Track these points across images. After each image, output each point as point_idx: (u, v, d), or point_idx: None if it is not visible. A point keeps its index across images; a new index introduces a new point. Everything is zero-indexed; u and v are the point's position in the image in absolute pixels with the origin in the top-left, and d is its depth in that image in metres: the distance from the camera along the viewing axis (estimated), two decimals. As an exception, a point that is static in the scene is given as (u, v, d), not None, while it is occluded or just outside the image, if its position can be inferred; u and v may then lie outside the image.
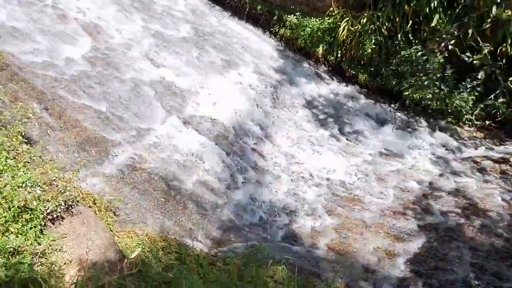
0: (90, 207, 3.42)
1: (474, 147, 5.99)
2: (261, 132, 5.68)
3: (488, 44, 5.84)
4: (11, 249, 2.49)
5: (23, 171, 2.89)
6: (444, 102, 6.32)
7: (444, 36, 6.08)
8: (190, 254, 3.45)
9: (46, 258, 2.60)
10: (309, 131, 6.00)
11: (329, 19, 7.24)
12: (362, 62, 7.24)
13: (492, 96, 5.89)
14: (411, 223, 4.54)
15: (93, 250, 2.89)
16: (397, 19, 6.53)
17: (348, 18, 6.89)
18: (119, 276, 2.71)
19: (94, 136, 4.30)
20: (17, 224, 2.62)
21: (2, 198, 2.64)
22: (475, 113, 6.18)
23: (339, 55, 7.36)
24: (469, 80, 6.08)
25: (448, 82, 6.25)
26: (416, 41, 6.57)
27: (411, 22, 6.52)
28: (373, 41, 6.73)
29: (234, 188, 4.63)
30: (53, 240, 2.75)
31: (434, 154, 5.87)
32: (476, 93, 6.12)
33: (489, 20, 5.69)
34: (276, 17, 7.92)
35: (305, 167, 5.25)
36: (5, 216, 2.60)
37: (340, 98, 7.09)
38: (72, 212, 3.06)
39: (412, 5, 6.33)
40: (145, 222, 3.73)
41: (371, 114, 6.67)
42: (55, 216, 2.89)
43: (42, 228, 2.75)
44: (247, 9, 8.05)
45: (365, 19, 6.72)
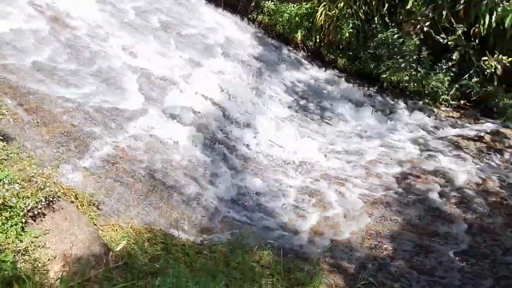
0: (72, 202, 3.38)
1: (451, 127, 6.16)
2: (243, 120, 5.68)
3: (462, 25, 5.95)
4: (-8, 248, 2.46)
5: (0, 169, 2.83)
6: (421, 84, 6.45)
7: (420, 18, 6.16)
8: (176, 244, 3.47)
9: (29, 255, 2.57)
10: (290, 117, 6.04)
11: (307, 4, 7.23)
12: (341, 47, 7.29)
13: (466, 76, 6.04)
14: (392, 203, 4.67)
15: (77, 245, 2.88)
16: (374, 3, 6.58)
17: (326, 3, 6.90)
18: (105, 269, 2.72)
19: (73, 130, 4.22)
20: (-3, 223, 2.58)
21: (-20, 197, 2.59)
22: (451, 93, 6.33)
23: (318, 40, 7.39)
24: (444, 61, 6.21)
25: (424, 64, 6.37)
26: (393, 24, 6.65)
27: (387, 5, 6.58)
28: (351, 25, 6.77)
29: (218, 176, 4.65)
30: (36, 237, 2.71)
31: (413, 135, 6.00)
32: (451, 74, 6.26)
33: (462, 2, 5.78)
34: (254, 4, 7.87)
35: (287, 152, 5.30)
36: (-16, 215, 2.55)
37: (320, 83, 7.14)
38: (54, 208, 3.02)
39: (388, -12, 6.38)
40: (130, 215, 3.71)
41: (351, 98, 6.75)
42: (36, 213, 2.84)
43: (23, 225, 2.71)
44: (224, -4, 7.97)
45: (342, 3, 6.74)
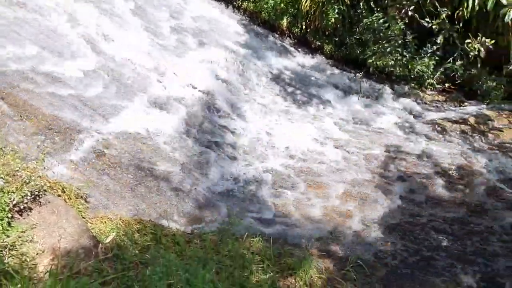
0: (59, 196, 3.34)
1: (436, 110, 6.24)
2: (230, 108, 5.66)
3: (446, 9, 5.95)
4: (-22, 244, 2.43)
5: (-17, 164, 2.78)
6: (407, 68, 6.49)
7: (404, 3, 6.12)
8: (166, 234, 3.47)
9: (17, 250, 2.55)
10: (278, 104, 6.04)
11: (292, -10, 7.18)
12: (327, 33, 7.27)
13: (451, 60, 6.08)
14: (379, 187, 4.73)
15: (66, 238, 2.86)
16: (358, -13, 6.56)
17: (310, -12, 6.86)
18: (95, 261, 2.71)
19: (57, 124, 4.15)
20: (-18, 218, 2.55)
21: (-37, 193, 2.55)
22: (436, 77, 6.39)
23: (304, 27, 7.35)
24: (429, 45, 6.25)
25: (410, 48, 6.41)
26: (378, 9, 6.64)
27: (372, -10, 6.57)
28: (336, 11, 6.75)
29: (206, 165, 4.64)
30: (23, 232, 2.69)
31: (399, 119, 6.06)
32: (436, 58, 6.31)
33: (446, -15, 5.79)
34: (239, -9, 7.78)
35: (275, 140, 5.31)
36: (-32, 211, 2.52)
37: (307, 70, 7.13)
38: (40, 202, 2.99)
39: (373, -28, 6.36)
40: (118, 207, 3.69)
41: (338, 84, 6.77)
42: (22, 207, 2.81)
43: (10, 220, 2.68)
44: (208, -17, 7.84)
45: (327, -12, 6.70)
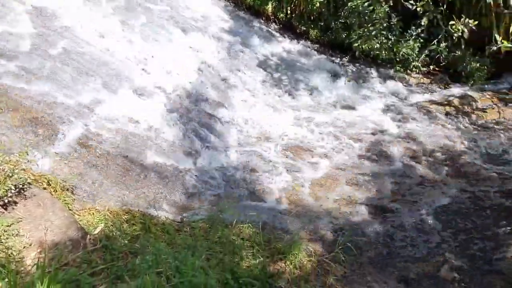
0: (45, 189, 3.31)
1: (422, 92, 6.29)
2: (217, 96, 5.62)
3: (430, -10, 5.97)
4: (-38, 240, 2.40)
5: (-37, 158, 2.72)
6: (392, 51, 6.50)
7: (389, -15, 6.14)
8: (156, 223, 3.47)
9: (3, 244, 2.53)
10: (265, 91, 6.02)
11: (276, -26, 7.09)
12: (312, 18, 7.22)
13: (435, 41, 6.12)
14: (367, 170, 4.79)
15: (53, 231, 2.84)
16: (343, -30, 6.50)
17: (295, -28, 6.78)
18: (83, 253, 2.70)
19: (40, 116, 4.07)
20: (-35, 213, 2.51)
21: None
22: (421, 60, 6.42)
23: (289, 12, 7.28)
24: (414, 28, 6.25)
25: (395, 31, 6.40)
26: (362, -8, 6.60)
27: (357, -27, 6.51)
28: (321, -5, 6.69)
29: (194, 154, 4.63)
30: (8, 226, 2.66)
31: (386, 102, 6.10)
32: (421, 40, 6.32)
33: (430, -34, 5.78)
34: (222, -24, 7.64)
35: (263, 127, 5.31)
36: (-50, 207, 2.47)
37: (293, 56, 7.10)
38: (26, 195, 2.96)
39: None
40: (106, 198, 3.67)
41: (324, 69, 6.75)
42: (7, 201, 2.78)
43: (-6, 215, 2.65)
44: (190, -31, 7.67)
45: (312, -28, 6.63)
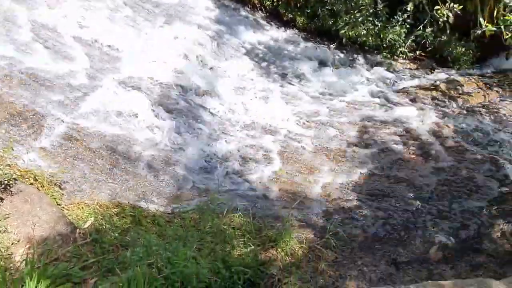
0: (32, 184, 3.26)
1: (409, 78, 6.33)
2: (205, 86, 5.57)
3: (415, -25, 5.97)
4: None
5: None
6: (379, 37, 6.51)
7: (374, -30, 6.12)
8: (146, 216, 3.45)
9: (-10, 241, 2.49)
10: (252, 80, 5.99)
11: (261, -39, 7.00)
12: (298, 5, 7.18)
13: (421, 27, 6.15)
14: (356, 156, 4.82)
15: (42, 226, 2.81)
16: (328, -44, 6.45)
17: (280, -42, 6.70)
18: (73, 247, 2.68)
19: (24, 111, 3.99)
20: (-51, 212, 2.46)
21: None
22: (407, 45, 6.45)
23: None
24: (400, 13, 6.26)
25: (381, 17, 6.41)
26: (348, -22, 6.56)
27: (342, -42, 6.47)
28: (307, -19, 6.64)
29: (184, 145, 4.60)
30: (-5, 222, 2.62)
31: (373, 89, 6.13)
32: (407, 26, 6.34)
33: (415, -49, 5.78)
34: (206, -37, 7.50)
35: (252, 116, 5.29)
36: None
37: (280, 44, 7.06)
38: (12, 192, 2.92)
39: None
40: (95, 192, 3.63)
41: (312, 57, 6.74)
42: (-8, 198, 2.74)
43: (-20, 212, 2.60)
44: (174, -43, 7.52)
45: (297, -42, 6.57)
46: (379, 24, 6.41)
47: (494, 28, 4.47)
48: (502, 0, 5.32)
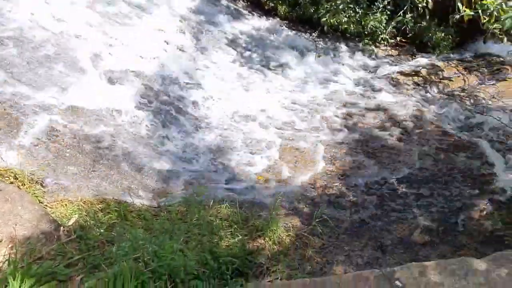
0: (12, 183, 3.20)
1: (390, 64, 6.36)
2: (187, 78, 5.51)
3: (394, -39, 5.98)
4: None
5: None
6: (360, 25, 6.51)
7: (354, -43, 6.10)
8: (132, 210, 3.43)
9: (-30, 243, 2.44)
10: (235, 70, 5.95)
11: (240, -51, 6.89)
12: (280, -7, 7.12)
13: (401, 13, 6.18)
14: (340, 143, 4.86)
15: (24, 225, 2.76)
16: None
17: None
18: (58, 244, 2.64)
19: (1, 109, 3.89)
20: None
21: None
22: (388, 32, 6.47)
23: (256, -12, 7.15)
24: (380, 0, 6.27)
25: (362, 4, 6.40)
26: (328, -35, 6.53)
27: None
28: (287, -31, 6.58)
29: (169, 138, 4.56)
30: (-26, 223, 2.56)
31: (356, 76, 6.16)
32: (388, 12, 6.36)
33: None
34: (184, -48, 7.35)
35: (235, 106, 5.26)
36: None
37: (263, 33, 7.00)
38: (-9, 191, 2.85)
39: None
40: (78, 188, 3.58)
41: (294, 46, 6.71)
42: (-29, 199, 2.67)
43: (-42, 213, 2.54)
44: None
45: None
46: (360, 11, 6.41)
47: (472, 13, 4.51)
48: (480, -15, 5.37)
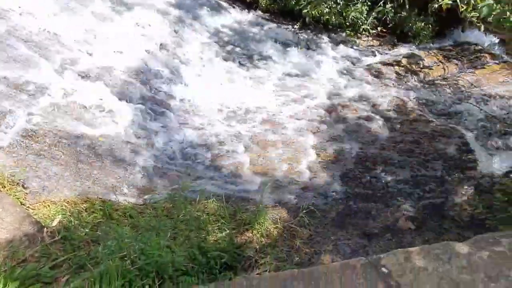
0: (-9, 186, 3.12)
1: (372, 55, 6.43)
2: (169, 73, 5.44)
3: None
4: None
5: None
6: (342, 16, 6.55)
7: None
8: (117, 209, 3.38)
9: (-51, 248, 2.37)
10: (218, 65, 5.90)
11: None
12: (261, -14, 7.08)
13: (381, 3, 6.23)
14: (326, 134, 4.89)
15: (5, 228, 2.69)
16: None
17: None
18: (42, 246, 2.59)
19: (-24, 109, 3.77)
20: None
21: None
22: (369, 22, 6.52)
23: (236, -19, 7.08)
24: (361, -9, 6.32)
25: (343, -5, 6.44)
26: (308, -44, 6.52)
27: None
28: (267, -39, 6.54)
29: (151, 134, 4.50)
30: (-47, 228, 2.49)
31: (338, 67, 6.19)
32: (368, 3, 6.41)
33: None
34: None
35: (219, 100, 5.23)
36: None
37: (244, 27, 6.97)
38: (-31, 195, 2.77)
39: None
40: (61, 188, 3.51)
41: (276, 38, 6.70)
42: None
43: None
44: None
45: None
46: (341, 2, 6.44)
47: (450, 1, 4.58)
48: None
